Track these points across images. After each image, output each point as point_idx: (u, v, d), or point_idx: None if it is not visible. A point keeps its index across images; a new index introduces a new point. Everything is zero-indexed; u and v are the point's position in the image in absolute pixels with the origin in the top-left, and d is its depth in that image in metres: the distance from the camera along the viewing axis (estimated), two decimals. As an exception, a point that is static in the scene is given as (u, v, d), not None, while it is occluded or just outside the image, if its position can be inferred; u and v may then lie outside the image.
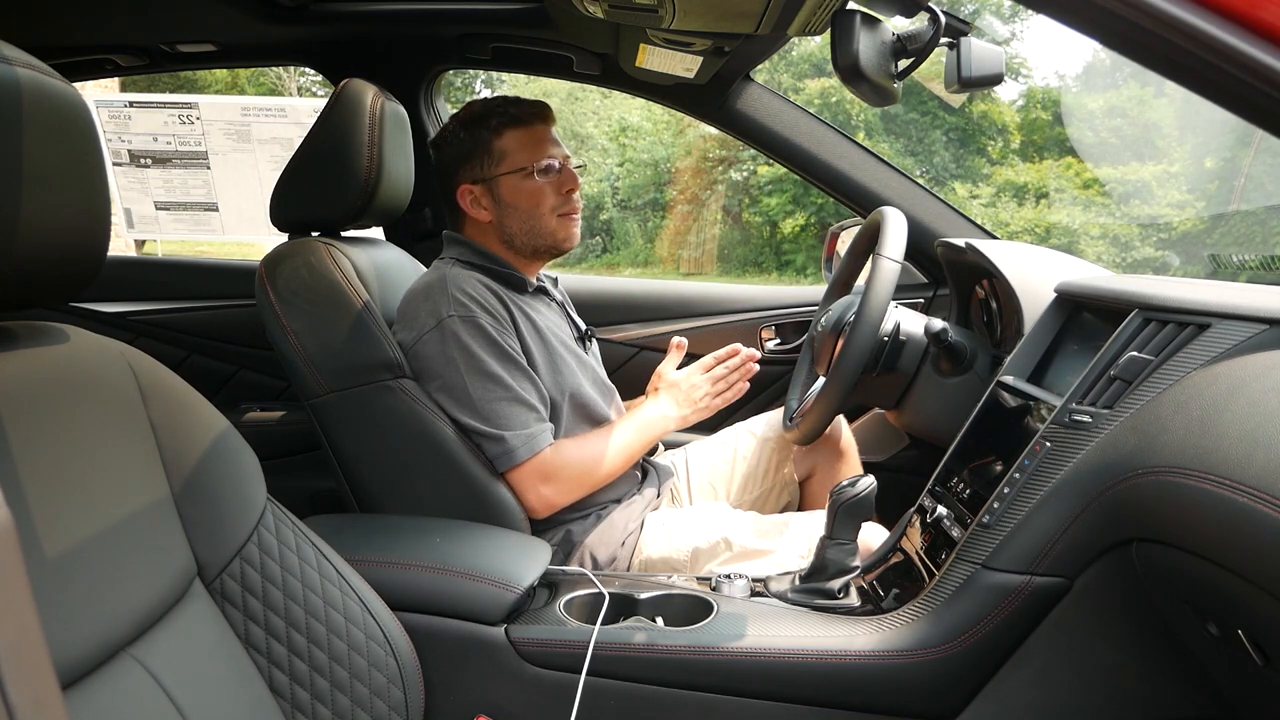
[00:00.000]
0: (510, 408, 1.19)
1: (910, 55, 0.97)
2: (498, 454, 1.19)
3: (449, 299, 1.20)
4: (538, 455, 1.20)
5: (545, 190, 1.30)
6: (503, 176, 1.29)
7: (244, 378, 2.04)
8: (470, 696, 0.99)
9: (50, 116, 0.60)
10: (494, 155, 1.29)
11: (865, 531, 1.21)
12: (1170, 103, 11.32)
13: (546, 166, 1.29)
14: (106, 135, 4.16)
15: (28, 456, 0.61)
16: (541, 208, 1.30)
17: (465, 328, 1.18)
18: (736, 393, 1.38)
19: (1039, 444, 0.94)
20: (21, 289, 0.61)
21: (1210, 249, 8.79)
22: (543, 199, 1.29)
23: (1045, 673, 0.91)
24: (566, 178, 1.31)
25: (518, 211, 1.30)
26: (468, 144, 1.30)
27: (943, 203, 1.81)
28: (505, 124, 1.29)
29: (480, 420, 1.18)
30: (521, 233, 1.31)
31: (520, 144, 1.29)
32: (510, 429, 1.18)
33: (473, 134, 1.29)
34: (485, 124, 1.29)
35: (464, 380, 1.18)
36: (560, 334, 1.34)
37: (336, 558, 0.89)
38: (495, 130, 1.29)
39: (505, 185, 1.29)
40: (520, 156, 1.28)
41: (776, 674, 0.96)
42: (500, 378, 1.19)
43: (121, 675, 0.64)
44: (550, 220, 1.31)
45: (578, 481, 1.25)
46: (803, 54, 13.12)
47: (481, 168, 1.30)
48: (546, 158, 1.29)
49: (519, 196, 1.29)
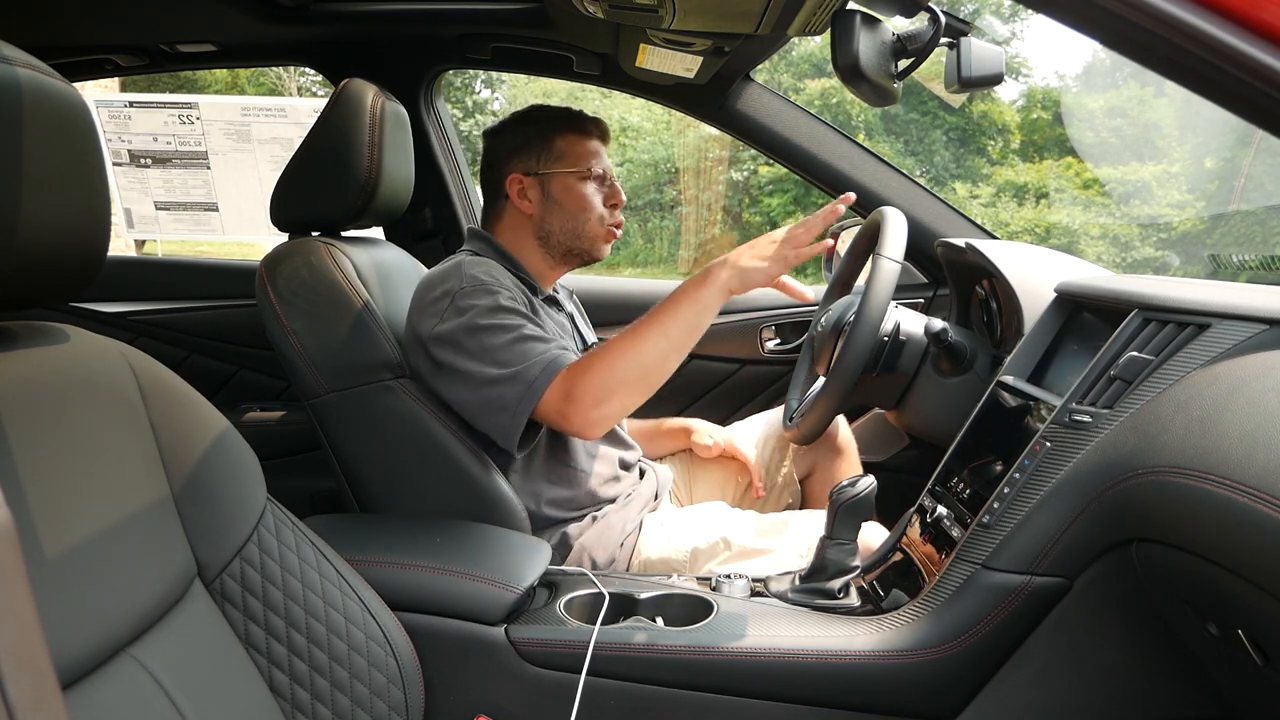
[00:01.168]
0: (523, 345, 1.14)
1: (910, 55, 0.97)
2: (519, 395, 1.11)
3: (461, 277, 1.19)
4: (560, 375, 1.12)
5: (595, 197, 1.32)
6: (556, 174, 1.31)
7: (244, 378, 2.04)
8: (470, 696, 0.99)
9: (50, 116, 0.60)
10: (552, 152, 1.31)
11: (865, 531, 1.21)
12: (1170, 103, 11.32)
13: (600, 175, 1.32)
14: (106, 135, 4.16)
15: (28, 456, 0.61)
16: (588, 212, 1.32)
17: (477, 294, 1.17)
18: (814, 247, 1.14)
19: (1039, 444, 0.94)
20: (21, 289, 0.61)
21: (1210, 249, 8.79)
22: (591, 204, 1.32)
23: (1045, 673, 0.91)
24: (615, 192, 1.35)
25: (563, 211, 1.32)
26: (528, 136, 1.32)
27: (943, 203, 1.82)
28: (568, 127, 1.32)
29: (495, 366, 1.12)
30: (561, 231, 1.32)
31: (578, 148, 1.32)
32: (525, 361, 1.13)
33: (535, 129, 1.33)
34: (549, 123, 1.33)
35: (479, 333, 1.14)
36: (564, 340, 1.34)
37: (336, 558, 0.89)
38: (558, 130, 1.32)
39: (557, 182, 1.31)
40: (576, 159, 1.31)
41: (776, 674, 0.96)
42: (511, 325, 1.15)
43: (121, 675, 0.64)
44: (594, 226, 1.33)
45: (604, 384, 1.10)
46: (803, 54, 13.12)
47: (537, 161, 1.32)
48: (601, 167, 1.33)
49: (569, 196, 1.31)
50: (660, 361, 1.13)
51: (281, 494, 0.88)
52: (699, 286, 1.13)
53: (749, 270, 1.13)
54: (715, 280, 1.13)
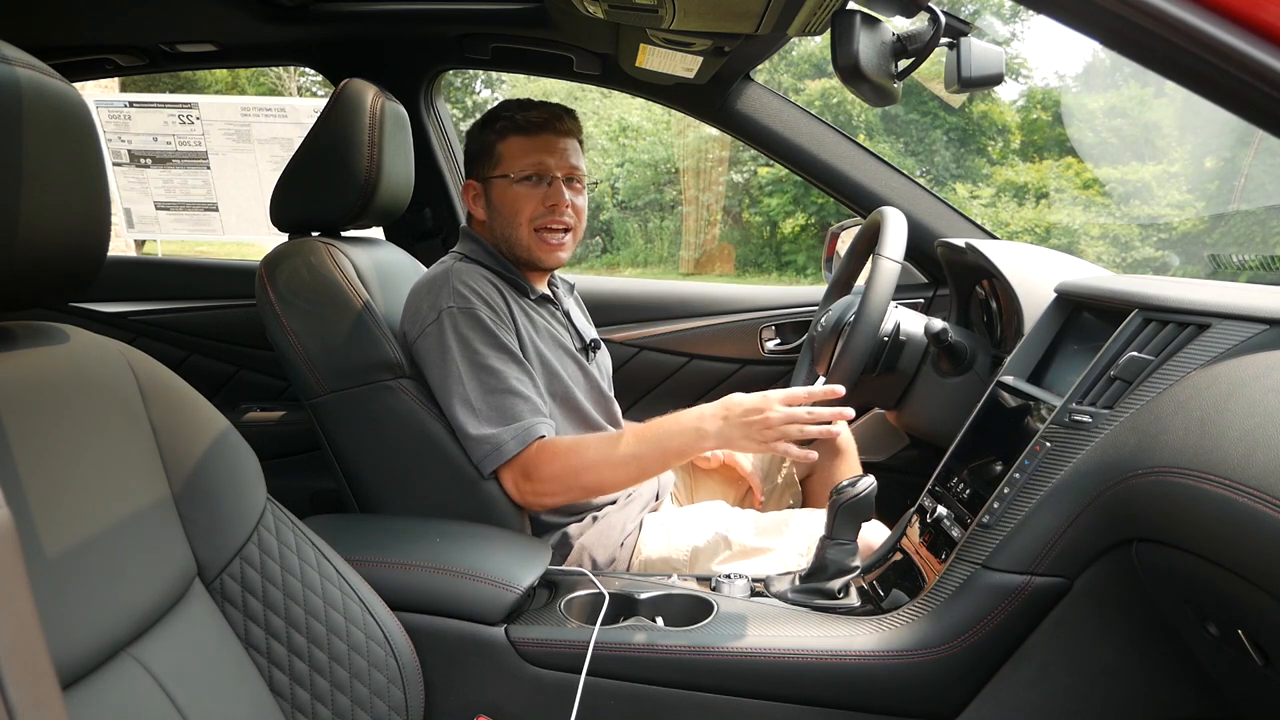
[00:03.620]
0: (504, 399, 1.17)
1: (910, 55, 0.97)
2: (486, 453, 1.16)
3: (450, 291, 1.20)
4: (528, 448, 1.16)
5: (525, 199, 1.27)
6: (494, 179, 1.30)
7: (244, 378, 2.04)
8: (470, 696, 0.99)
9: (50, 116, 0.60)
10: (494, 157, 1.30)
11: (865, 531, 1.21)
12: (1170, 103, 11.32)
13: (526, 176, 1.27)
14: (106, 135, 4.16)
15: (28, 456, 0.61)
16: (519, 217, 1.28)
17: (463, 319, 1.18)
18: (804, 452, 1.09)
19: (1039, 444, 0.94)
20: (21, 289, 0.61)
21: (1210, 249, 8.79)
22: (520, 208, 1.28)
23: (1045, 673, 0.91)
24: (553, 191, 1.27)
25: (500, 216, 1.30)
26: (479, 141, 1.32)
27: (943, 203, 1.82)
28: (510, 129, 1.29)
29: (472, 415, 1.16)
30: (502, 239, 1.31)
31: (518, 150, 1.28)
32: (501, 424, 1.16)
33: (484, 132, 1.31)
34: (493, 125, 1.30)
35: (459, 371, 1.17)
36: (561, 340, 1.34)
37: (336, 558, 0.89)
38: (499, 133, 1.29)
39: (495, 188, 1.30)
40: (511, 162, 1.28)
41: (776, 674, 0.96)
42: (495, 370, 1.18)
43: (121, 675, 0.64)
44: (523, 231, 1.28)
45: (561, 481, 1.16)
46: (803, 54, 13.11)
47: (483, 167, 1.31)
48: (534, 167, 1.27)
49: (504, 201, 1.29)
50: (622, 484, 1.21)
51: (281, 494, 0.88)
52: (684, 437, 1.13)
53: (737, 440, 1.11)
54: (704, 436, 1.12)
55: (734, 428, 1.10)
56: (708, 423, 1.12)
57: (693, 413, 1.14)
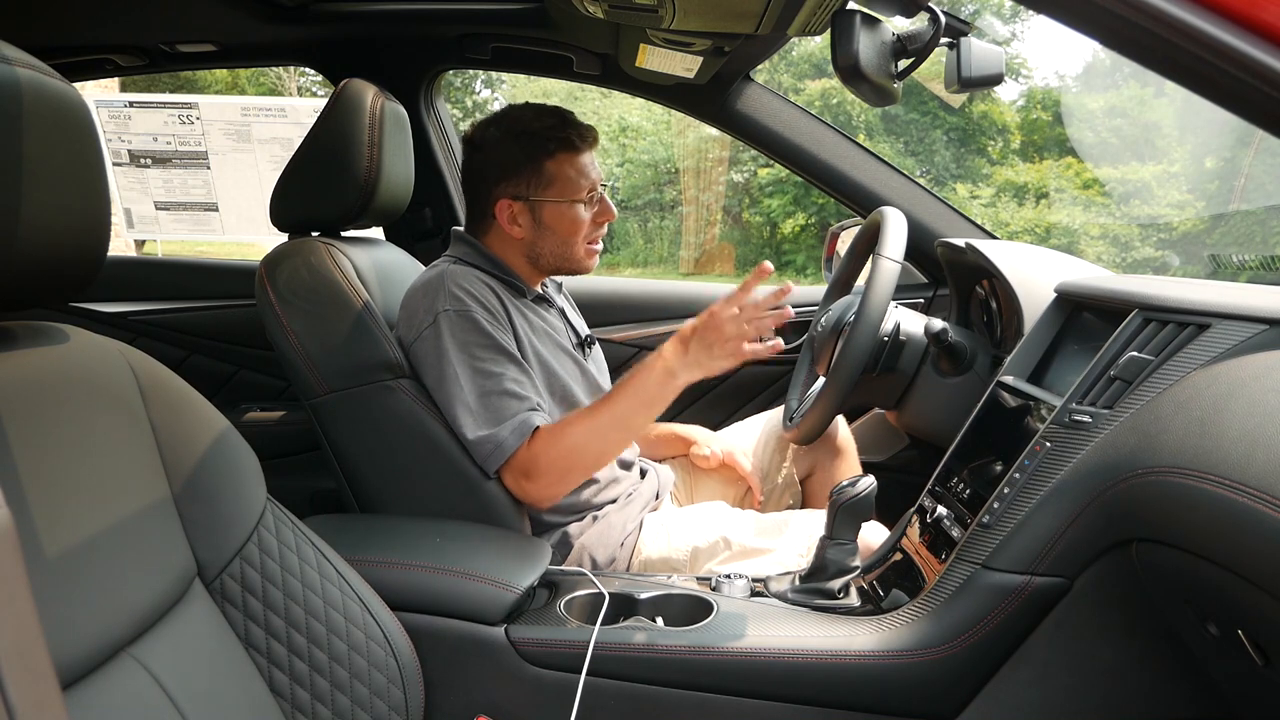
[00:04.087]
0: (500, 400, 1.17)
1: (910, 55, 0.97)
2: (488, 453, 1.16)
3: (446, 294, 1.20)
4: (526, 440, 1.16)
5: (583, 220, 1.29)
6: (548, 203, 1.27)
7: (244, 378, 2.04)
8: (470, 696, 0.99)
9: (50, 116, 0.60)
10: (543, 177, 1.26)
11: (865, 531, 1.21)
12: (1170, 103, 11.32)
13: (590, 196, 1.29)
14: (106, 135, 4.16)
15: (28, 456, 0.61)
16: (578, 236, 1.30)
17: (460, 321, 1.18)
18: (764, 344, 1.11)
19: (1039, 444, 0.94)
20: (21, 289, 0.61)
21: (1210, 249, 8.80)
22: (579, 228, 1.29)
23: (1045, 673, 0.91)
24: (605, 210, 1.32)
25: (554, 236, 1.29)
26: (518, 158, 1.26)
27: (943, 203, 1.81)
28: (561, 148, 1.26)
29: (471, 417, 1.16)
30: (551, 254, 1.31)
31: (573, 171, 1.27)
32: (498, 423, 1.16)
33: (525, 150, 1.26)
34: (542, 145, 1.26)
35: (456, 374, 1.17)
36: (557, 338, 1.34)
37: (336, 558, 0.89)
38: (550, 154, 1.26)
39: (549, 210, 1.28)
40: (569, 185, 1.27)
41: (776, 674, 0.96)
42: (491, 371, 1.18)
43: (121, 675, 0.64)
44: (581, 248, 1.31)
45: (561, 465, 1.16)
46: (803, 54, 13.11)
47: (528, 186, 1.27)
48: (590, 186, 1.29)
49: (560, 223, 1.28)
50: (616, 447, 1.23)
51: (281, 494, 0.88)
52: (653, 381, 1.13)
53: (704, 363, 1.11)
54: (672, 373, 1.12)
55: (695, 352, 1.11)
56: (670, 360, 1.13)
57: (652, 356, 1.15)
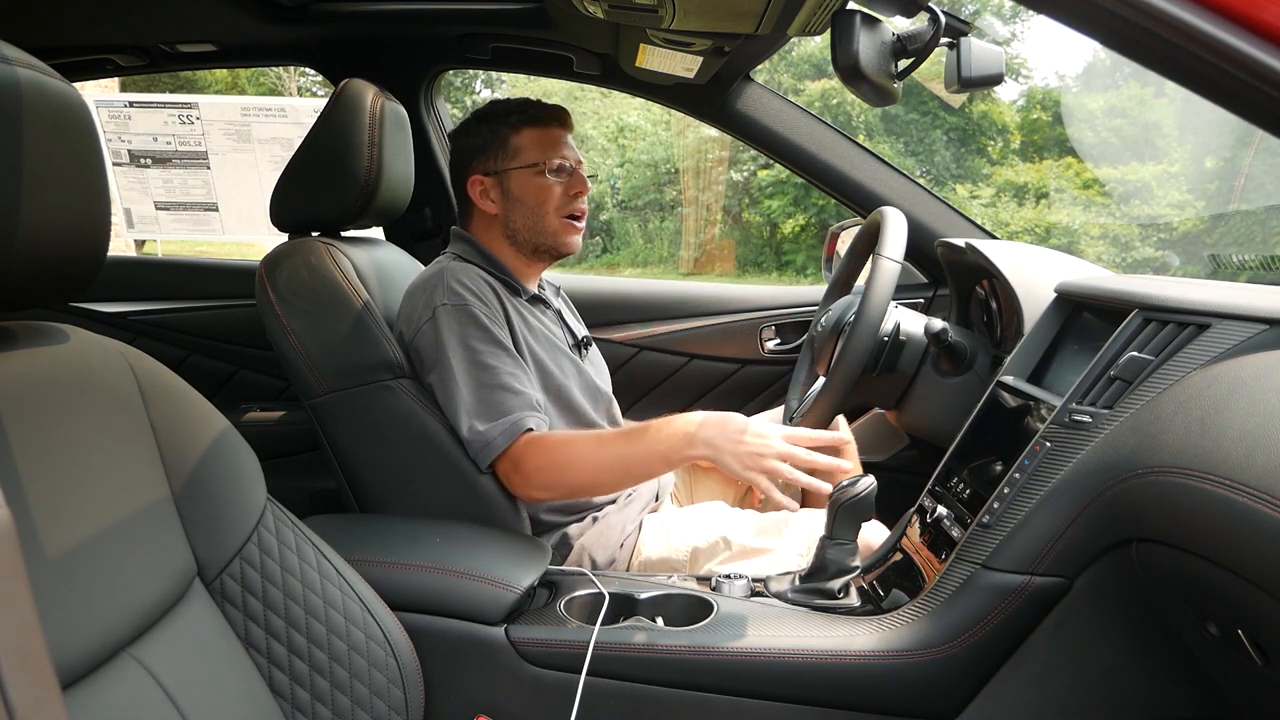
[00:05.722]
0: (497, 394, 1.17)
1: (910, 55, 0.97)
2: (479, 449, 1.16)
3: (444, 288, 1.21)
4: (516, 442, 1.15)
5: (553, 189, 1.31)
6: (514, 170, 1.31)
7: (244, 378, 2.04)
8: (470, 696, 0.99)
9: (50, 116, 0.60)
10: (508, 150, 1.31)
11: (865, 531, 1.21)
12: (1170, 103, 11.32)
13: (558, 166, 1.31)
14: (106, 135, 4.16)
15: (28, 456, 0.61)
16: (547, 205, 1.31)
17: (457, 314, 1.19)
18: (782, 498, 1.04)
19: (1039, 444, 0.94)
20: (21, 289, 0.61)
21: (1210, 249, 8.79)
22: (549, 196, 1.31)
23: (1045, 673, 0.91)
24: (576, 180, 1.33)
25: (524, 206, 1.31)
26: (485, 136, 1.32)
27: (943, 203, 1.82)
28: (523, 122, 1.31)
29: (467, 412, 1.16)
30: (524, 228, 1.32)
31: (535, 142, 1.31)
32: (493, 419, 1.16)
33: (491, 128, 1.32)
34: (504, 120, 1.32)
35: (454, 367, 1.17)
36: (554, 338, 1.34)
37: (336, 558, 0.89)
38: (513, 126, 1.31)
39: (515, 179, 1.31)
40: (533, 153, 1.31)
41: (776, 674, 0.96)
42: (489, 365, 1.18)
43: (121, 675, 0.64)
44: (554, 220, 1.32)
45: (547, 476, 1.14)
46: (803, 54, 13.11)
47: (495, 160, 1.32)
48: (559, 158, 1.31)
49: (527, 192, 1.31)
50: (608, 486, 1.19)
51: (281, 494, 0.88)
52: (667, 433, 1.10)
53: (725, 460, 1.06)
54: (693, 443, 1.08)
55: (726, 442, 1.06)
56: (703, 429, 1.08)
57: (690, 417, 1.11)
